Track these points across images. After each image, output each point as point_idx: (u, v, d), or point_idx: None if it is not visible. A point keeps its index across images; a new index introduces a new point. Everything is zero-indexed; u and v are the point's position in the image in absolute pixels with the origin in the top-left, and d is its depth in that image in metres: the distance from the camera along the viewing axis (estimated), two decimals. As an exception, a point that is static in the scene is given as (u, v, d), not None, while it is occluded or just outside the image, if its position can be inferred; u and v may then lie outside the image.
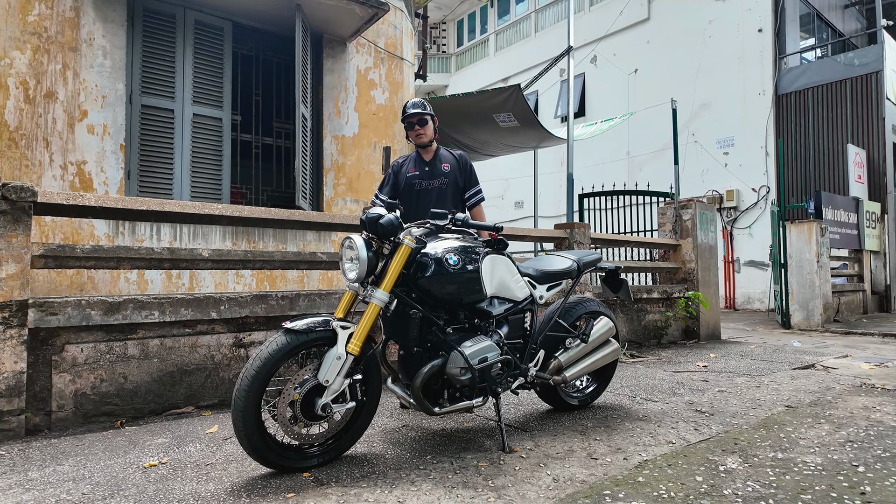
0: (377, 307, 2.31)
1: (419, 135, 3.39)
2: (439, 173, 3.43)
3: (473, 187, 3.56)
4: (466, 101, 8.23)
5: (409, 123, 3.40)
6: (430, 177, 3.42)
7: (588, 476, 2.17)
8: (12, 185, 2.68)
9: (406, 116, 3.37)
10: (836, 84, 10.86)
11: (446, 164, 3.46)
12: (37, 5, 4.71)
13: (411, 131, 3.41)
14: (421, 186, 3.41)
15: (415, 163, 3.45)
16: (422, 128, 3.37)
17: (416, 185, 3.41)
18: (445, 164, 3.45)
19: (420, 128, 3.37)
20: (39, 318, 2.76)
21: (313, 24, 6.14)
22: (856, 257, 9.68)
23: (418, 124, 3.37)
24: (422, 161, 3.45)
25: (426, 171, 3.42)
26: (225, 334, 3.38)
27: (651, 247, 6.65)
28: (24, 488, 2.07)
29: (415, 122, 3.37)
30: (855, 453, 2.42)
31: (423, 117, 3.36)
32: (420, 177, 3.41)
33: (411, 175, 3.42)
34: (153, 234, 4.96)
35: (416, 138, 3.40)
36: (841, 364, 4.71)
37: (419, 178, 3.41)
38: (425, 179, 3.41)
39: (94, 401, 2.96)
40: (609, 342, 3.11)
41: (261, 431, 2.11)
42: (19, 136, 4.59)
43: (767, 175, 11.21)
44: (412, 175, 3.41)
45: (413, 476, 2.17)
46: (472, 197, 3.56)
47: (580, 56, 14.13)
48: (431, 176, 3.42)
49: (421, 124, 3.37)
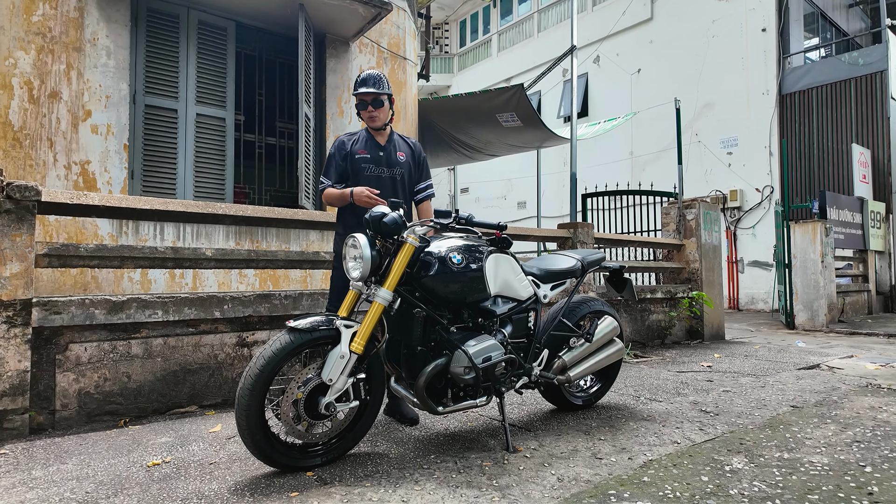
0: (381, 306, 2.30)
1: (372, 117, 2.88)
2: (395, 162, 2.96)
3: (425, 181, 3.12)
4: (469, 100, 8.23)
5: (360, 102, 2.88)
6: (384, 164, 2.93)
7: (593, 476, 2.16)
8: (16, 184, 2.68)
9: (358, 94, 2.86)
10: (841, 83, 10.81)
11: (402, 153, 3.00)
12: (41, 6, 4.72)
13: (363, 111, 2.89)
14: (371, 172, 2.90)
15: (365, 143, 2.93)
16: (376, 109, 2.87)
17: (365, 168, 2.89)
18: (401, 154, 3.00)
19: (374, 109, 2.87)
20: (43, 318, 2.77)
21: (316, 23, 6.14)
22: (860, 257, 9.63)
23: (372, 105, 2.86)
24: (374, 143, 2.94)
25: (380, 157, 2.92)
26: (228, 333, 3.38)
27: (655, 247, 6.63)
28: (27, 487, 2.07)
29: (368, 102, 2.85)
30: (862, 453, 2.40)
31: (379, 98, 2.86)
32: (372, 161, 2.90)
33: (360, 157, 2.89)
34: (157, 233, 4.97)
35: (368, 121, 2.90)
36: (846, 364, 4.69)
37: (370, 161, 2.90)
38: (378, 165, 2.92)
39: (98, 400, 2.96)
40: (613, 342, 3.10)
41: (264, 430, 2.11)
42: (23, 135, 4.60)
43: (771, 175, 11.17)
44: (361, 157, 2.89)
45: (417, 475, 2.16)
46: (423, 191, 3.11)
47: (583, 56, 14.11)
48: (387, 164, 2.94)
49: (375, 105, 2.86)
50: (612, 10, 14.00)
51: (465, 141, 9.53)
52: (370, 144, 2.93)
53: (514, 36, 17.38)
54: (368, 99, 2.86)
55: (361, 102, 2.88)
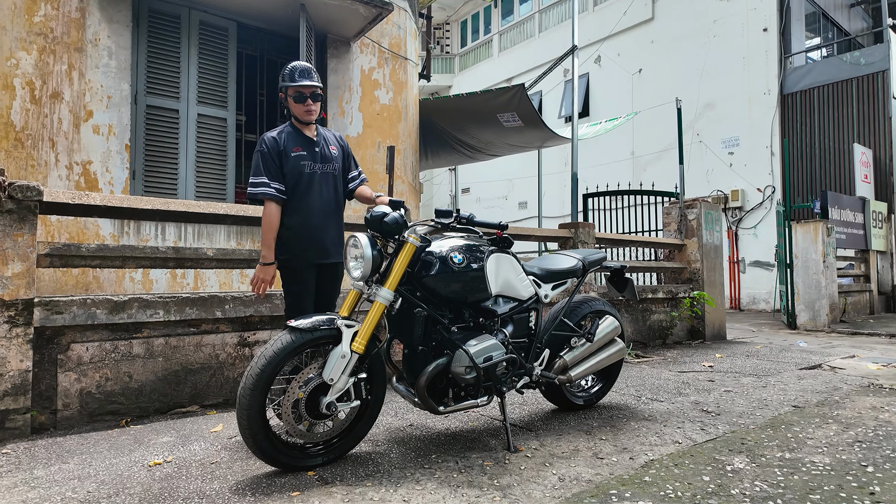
0: (382, 306, 2.30)
1: (310, 111, 2.76)
2: (329, 157, 2.84)
3: (355, 169, 3.03)
4: (470, 100, 8.23)
5: (299, 95, 2.72)
6: (321, 160, 2.81)
7: (594, 475, 2.16)
8: (18, 184, 2.68)
9: (299, 86, 2.71)
10: (842, 83, 10.80)
11: (333, 146, 2.89)
12: (43, 6, 4.73)
13: (300, 104, 2.74)
14: (311, 169, 2.76)
15: (295, 140, 2.78)
16: (314, 103, 2.77)
17: (305, 166, 2.75)
18: (333, 147, 2.88)
19: (313, 103, 2.76)
20: (45, 317, 2.77)
21: (318, 24, 6.15)
22: (862, 257, 9.62)
23: (311, 98, 2.74)
24: (305, 138, 2.80)
25: (315, 152, 2.80)
26: (230, 333, 3.38)
27: (656, 247, 6.63)
28: (29, 486, 2.07)
29: (307, 96, 2.73)
30: (864, 453, 2.40)
31: (317, 91, 2.76)
32: (308, 157, 2.77)
33: (297, 154, 2.74)
34: (158, 233, 4.97)
35: (305, 114, 2.76)
36: (848, 364, 4.68)
37: (307, 158, 2.76)
38: (315, 162, 2.79)
39: (100, 399, 2.96)
40: (614, 342, 3.09)
41: (266, 430, 2.11)
42: (25, 136, 4.61)
43: (773, 175, 11.16)
44: (298, 154, 2.74)
45: (418, 475, 2.16)
46: (356, 179, 3.01)
47: (584, 56, 14.11)
48: (322, 159, 2.81)
49: (314, 99, 2.75)
50: (614, 10, 14.00)
51: (466, 141, 9.53)
52: (301, 140, 2.79)
53: (515, 36, 17.38)
54: (307, 92, 2.73)
55: (299, 95, 2.73)
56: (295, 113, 2.77)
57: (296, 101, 2.74)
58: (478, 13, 19.17)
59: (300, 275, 2.75)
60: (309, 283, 2.77)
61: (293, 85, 2.71)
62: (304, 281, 2.75)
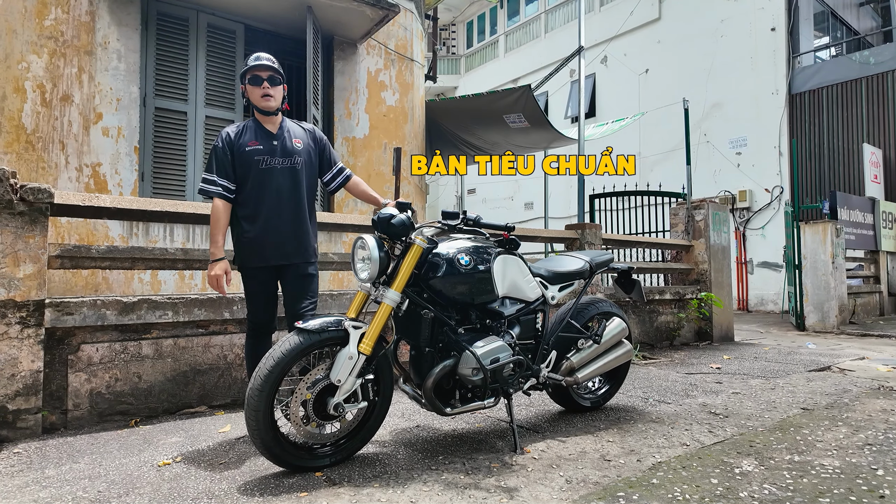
0: (389, 307, 2.31)
1: (267, 95, 2.62)
2: (291, 151, 2.69)
3: (335, 166, 2.90)
4: (476, 101, 8.23)
5: (254, 78, 2.61)
6: (280, 153, 2.66)
7: (601, 478, 2.15)
8: (30, 186, 2.71)
9: (252, 68, 2.61)
10: (851, 83, 10.71)
11: (298, 139, 2.74)
12: (53, 10, 4.78)
13: (256, 88, 2.62)
14: (267, 164, 2.63)
15: (255, 133, 2.66)
16: (272, 87, 2.64)
17: (260, 161, 2.62)
18: (297, 140, 2.73)
19: (270, 87, 2.63)
20: (56, 318, 2.80)
21: (324, 26, 6.17)
22: (872, 258, 9.54)
23: (268, 82, 2.62)
24: (265, 132, 2.68)
25: (273, 146, 2.66)
26: (238, 334, 3.40)
27: (663, 248, 6.60)
28: (41, 486, 2.09)
29: (264, 78, 2.61)
30: (874, 456, 2.38)
31: (276, 76, 2.65)
32: (265, 152, 2.64)
33: (252, 149, 2.62)
34: (166, 235, 5.01)
35: (262, 100, 2.63)
36: (857, 366, 4.64)
37: (264, 153, 2.63)
38: (273, 156, 2.65)
39: (109, 400, 2.99)
40: (622, 343, 3.09)
41: (274, 431, 2.12)
42: (36, 138, 4.66)
43: (781, 175, 11.08)
44: (253, 149, 2.62)
45: (425, 477, 2.17)
46: (337, 176, 2.90)
47: (591, 56, 14.07)
48: (282, 153, 2.67)
49: (272, 83, 2.63)
50: (620, 10, 13.96)
51: (472, 142, 9.53)
52: (260, 134, 2.67)
53: (521, 37, 17.36)
54: (265, 75, 2.61)
55: (255, 78, 2.61)
56: (253, 101, 2.67)
57: (251, 84, 2.63)
58: (484, 14, 19.16)
59: (256, 275, 2.69)
60: (268, 283, 2.71)
61: (248, 67, 2.63)
62: (261, 282, 2.70)
